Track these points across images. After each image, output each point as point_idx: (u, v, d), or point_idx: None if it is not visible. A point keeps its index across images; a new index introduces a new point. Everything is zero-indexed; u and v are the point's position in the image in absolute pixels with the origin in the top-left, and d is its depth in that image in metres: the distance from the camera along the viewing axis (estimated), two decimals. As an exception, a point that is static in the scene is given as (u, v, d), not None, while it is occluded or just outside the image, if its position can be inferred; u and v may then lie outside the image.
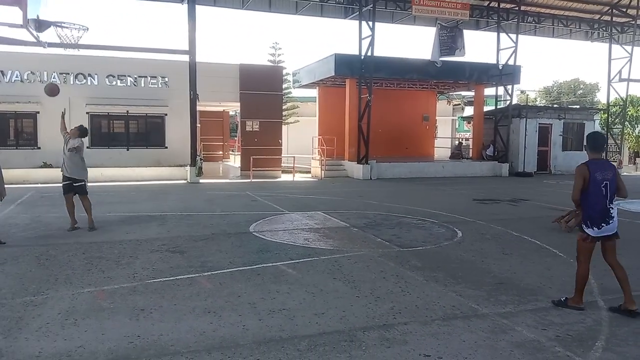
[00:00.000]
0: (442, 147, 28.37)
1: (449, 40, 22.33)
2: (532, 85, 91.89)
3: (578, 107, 39.04)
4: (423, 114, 26.90)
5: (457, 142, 29.21)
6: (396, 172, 21.33)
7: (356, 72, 20.62)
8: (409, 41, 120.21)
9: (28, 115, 18.93)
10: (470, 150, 26.06)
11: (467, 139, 31.22)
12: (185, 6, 18.26)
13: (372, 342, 4.21)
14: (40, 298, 5.22)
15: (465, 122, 33.19)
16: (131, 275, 6.09)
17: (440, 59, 22.26)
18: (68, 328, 4.43)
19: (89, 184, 9.48)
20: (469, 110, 32.11)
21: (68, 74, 19.13)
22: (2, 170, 7.90)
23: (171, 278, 5.98)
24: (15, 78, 18.55)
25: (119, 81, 19.78)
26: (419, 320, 4.71)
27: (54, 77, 18.96)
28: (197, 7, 18.14)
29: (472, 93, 27.10)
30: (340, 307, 5.01)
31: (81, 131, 9.13)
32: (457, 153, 26.52)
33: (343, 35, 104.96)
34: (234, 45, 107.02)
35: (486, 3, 23.72)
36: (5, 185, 8.01)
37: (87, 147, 19.12)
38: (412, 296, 5.39)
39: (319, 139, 23.00)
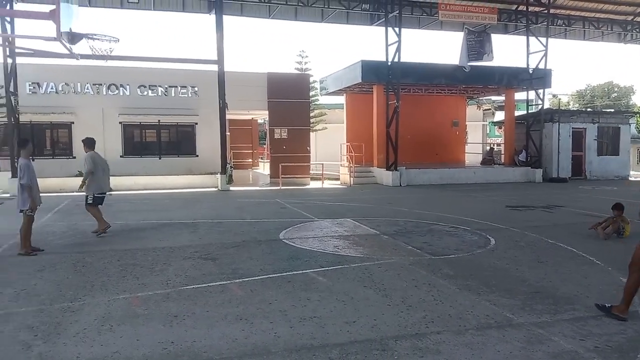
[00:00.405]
0: (473, 153, 28.00)
1: (477, 44, 22.10)
2: (564, 89, 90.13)
3: (613, 110, 38.06)
4: (452, 119, 26.63)
5: (488, 148, 28.75)
6: (426, 178, 21.15)
7: (383, 79, 20.58)
8: (436, 47, 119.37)
9: (63, 125, 19.52)
10: (502, 156, 25.66)
11: (498, 145, 30.74)
12: (213, 16, 18.57)
13: (404, 351, 4.16)
14: (77, 304, 5.34)
15: (496, 127, 32.68)
16: (165, 282, 6.19)
17: (469, 63, 22.04)
18: (104, 334, 4.52)
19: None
20: (499, 115, 31.60)
21: (101, 84, 19.67)
22: (39, 179, 8.13)
23: (203, 285, 6.05)
24: (50, 89, 19.16)
25: (150, 91, 20.23)
26: (452, 329, 4.64)
27: (87, 89, 19.52)
28: (225, 17, 18.43)
29: (502, 98, 26.72)
30: (372, 316, 4.97)
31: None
32: (489, 159, 26.13)
33: (369, 42, 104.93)
34: (261, 54, 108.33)
35: (514, 7, 23.40)
36: (42, 194, 8.25)
37: (121, 156, 19.82)
38: (444, 305, 5.32)
39: (347, 145, 23.01)
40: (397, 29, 19.93)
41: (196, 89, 20.63)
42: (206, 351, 4.16)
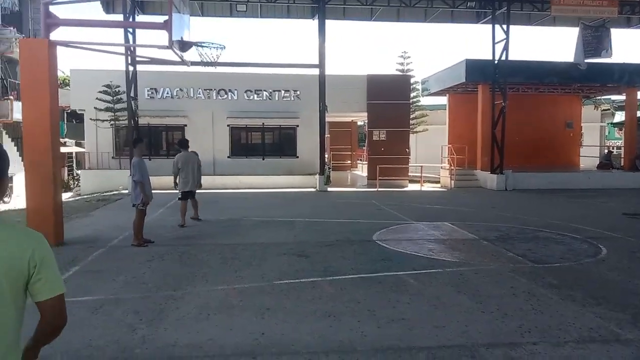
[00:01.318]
0: (588, 156, 25.90)
1: (594, 40, 20.38)
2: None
3: None
4: (566, 120, 24.86)
5: (606, 151, 26.45)
6: (534, 182, 19.92)
7: (489, 78, 19.72)
8: (547, 44, 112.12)
9: (177, 127, 21.00)
10: (622, 160, 23.47)
11: (618, 148, 28.18)
12: (316, 21, 18.97)
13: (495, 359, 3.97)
14: (179, 293, 5.73)
15: (615, 128, 29.99)
16: (260, 276, 6.43)
17: (585, 61, 20.42)
18: (201, 322, 4.80)
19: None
20: (620, 116, 28.95)
21: (211, 89, 20.91)
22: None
23: (296, 280, 6.21)
24: (166, 94, 20.72)
25: (255, 95, 21.14)
26: (550, 341, 4.34)
27: (199, 93, 20.85)
28: (327, 21, 18.72)
29: (623, 97, 24.42)
30: (463, 322, 4.80)
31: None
32: (606, 163, 24.01)
33: (473, 41, 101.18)
34: (362, 56, 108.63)
35: (640, -3, 21.31)
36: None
37: (228, 157, 20.92)
38: (544, 315, 4.99)
39: (448, 147, 22.35)
40: (504, 26, 19.00)
41: (298, 92, 21.21)
42: (294, 344, 4.27)
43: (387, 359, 3.98)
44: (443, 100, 25.91)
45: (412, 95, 24.88)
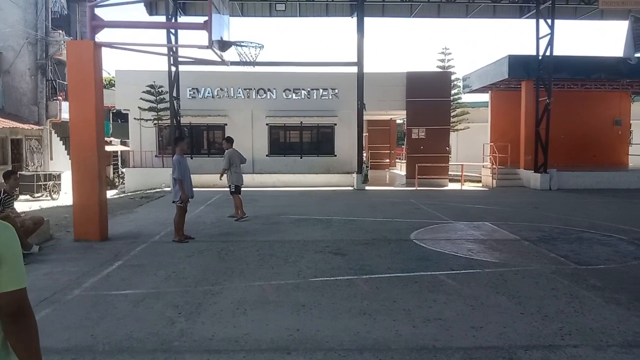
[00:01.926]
0: (638, 155, 24.85)
1: (646, 33, 19.52)
2: None
3: None
4: (614, 117, 23.95)
5: (657, 149, 25.33)
6: (580, 182, 19.29)
7: (533, 74, 19.22)
8: (594, 38, 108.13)
9: (218, 127, 21.38)
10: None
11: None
12: (354, 19, 18.92)
13: (534, 362, 3.87)
14: (217, 288, 5.83)
15: (668, 126, 28.64)
16: (296, 273, 6.48)
17: (636, 55, 19.58)
18: (238, 317, 4.87)
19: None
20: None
21: (251, 89, 21.18)
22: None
23: (331, 278, 6.22)
24: (207, 94, 21.12)
25: (294, 94, 21.29)
26: (592, 344, 4.19)
27: (239, 93, 21.15)
28: (366, 18, 18.64)
29: (677, 92, 23.33)
30: (501, 323, 4.70)
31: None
32: (657, 162, 23.01)
33: (515, 37, 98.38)
34: (401, 53, 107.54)
35: (697, -14, 20.26)
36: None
37: (267, 155, 21.16)
38: (586, 318, 4.83)
39: (490, 145, 21.89)
40: (549, 21, 18.46)
41: (336, 91, 21.22)
42: (328, 341, 4.28)
43: (422, 358, 3.93)
44: (485, 97, 25.41)
45: (452, 92, 24.48)
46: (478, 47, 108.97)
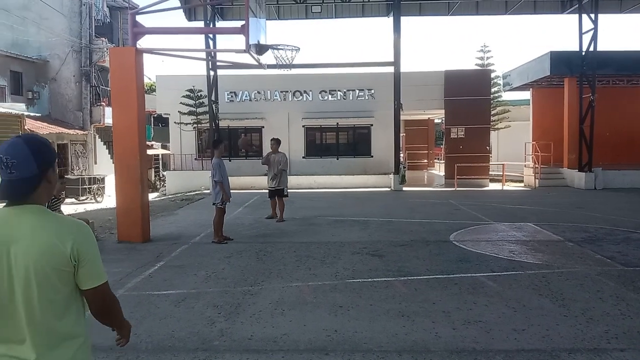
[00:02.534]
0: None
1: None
2: None
3: None
4: (663, 113, 22.93)
5: None
6: (627, 181, 18.57)
7: (576, 70, 18.64)
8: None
9: (255, 129, 21.64)
10: None
11: None
12: (390, 19, 18.80)
13: (579, 366, 3.75)
14: (256, 288, 5.90)
15: None
16: (333, 274, 6.48)
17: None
18: (276, 317, 4.91)
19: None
20: None
21: (287, 91, 21.35)
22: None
23: (369, 280, 6.19)
24: (245, 97, 21.42)
25: (330, 96, 21.33)
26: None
27: (276, 96, 21.34)
28: (402, 18, 18.49)
29: None
30: (544, 325, 4.57)
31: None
32: None
33: (557, 33, 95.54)
34: (439, 52, 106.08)
35: None
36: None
37: (303, 157, 21.26)
38: (633, 321, 4.64)
39: (532, 144, 21.35)
40: (592, 15, 17.87)
41: (372, 91, 21.14)
42: (366, 342, 4.26)
43: (462, 362, 3.87)
44: (526, 95, 24.83)
45: (492, 90, 23.99)
46: (518, 44, 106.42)
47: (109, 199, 18.14)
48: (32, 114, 20.38)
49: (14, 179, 1.74)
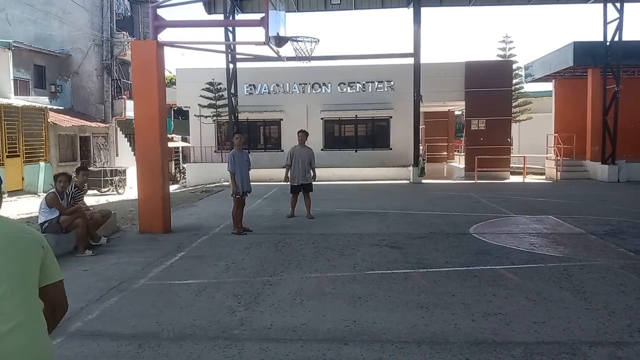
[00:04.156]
0: None
1: None
2: None
3: None
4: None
5: None
6: (651, 173, 18.20)
7: (600, 61, 18.28)
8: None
9: (274, 122, 21.72)
10: None
11: None
12: (410, 9, 18.63)
13: (599, 358, 3.71)
14: (275, 279, 5.95)
15: None
16: (352, 266, 6.50)
17: None
18: (295, 307, 4.95)
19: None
20: None
21: (306, 84, 21.35)
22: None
23: (388, 271, 6.20)
24: (264, 90, 21.48)
25: (348, 88, 21.27)
26: (665, 343, 3.97)
27: (294, 88, 21.36)
28: (422, 9, 18.31)
29: None
30: (565, 318, 4.53)
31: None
32: None
33: (580, 23, 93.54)
34: (459, 43, 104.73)
35: None
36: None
37: (321, 150, 21.25)
38: (658, 315, 4.58)
39: (554, 136, 21.04)
40: (617, 4, 17.48)
41: (392, 83, 21.01)
42: (385, 333, 4.28)
43: (481, 352, 3.86)
44: (548, 86, 24.43)
45: (514, 81, 23.66)
46: (540, 35, 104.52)
47: (130, 191, 18.41)
48: (55, 107, 20.75)
49: None
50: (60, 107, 21.60)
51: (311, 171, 10.57)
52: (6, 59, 18.36)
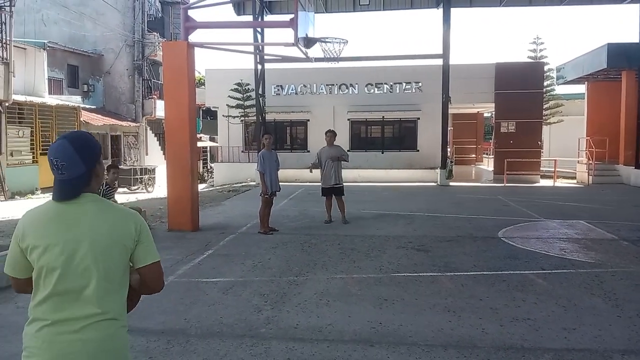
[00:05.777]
0: None
1: None
2: None
3: None
4: None
5: None
6: (689, 179, 17.64)
7: (634, 63, 17.80)
8: None
9: (300, 123, 21.81)
10: None
11: None
12: (440, 10, 18.47)
13: (633, 369, 3.63)
14: (301, 279, 5.98)
15: None
16: (378, 268, 6.48)
17: None
18: (321, 307, 4.97)
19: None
20: None
21: (333, 85, 21.37)
22: (280, 170, 9.27)
23: (414, 274, 6.16)
24: (291, 91, 21.59)
25: (376, 89, 21.21)
26: (702, 354, 3.85)
27: (321, 89, 21.41)
28: (452, 9, 18.13)
29: None
30: (596, 325, 4.43)
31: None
32: None
33: (613, 25, 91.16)
34: (489, 44, 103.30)
35: None
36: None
37: (348, 151, 21.15)
38: (695, 325, 4.44)
39: (587, 140, 20.56)
40: (655, 4, 17.03)
41: (420, 84, 20.88)
42: (411, 336, 4.26)
43: (510, 358, 3.81)
44: (581, 88, 23.89)
45: (545, 83, 23.24)
46: (572, 37, 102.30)
47: (159, 189, 18.70)
48: (87, 106, 21.27)
49: (65, 180, 1.86)
50: (92, 107, 22.11)
51: (341, 172, 10.15)
52: (41, 59, 18.87)
